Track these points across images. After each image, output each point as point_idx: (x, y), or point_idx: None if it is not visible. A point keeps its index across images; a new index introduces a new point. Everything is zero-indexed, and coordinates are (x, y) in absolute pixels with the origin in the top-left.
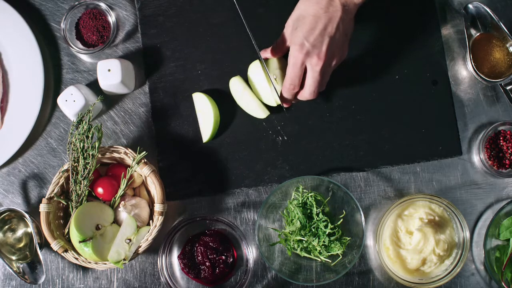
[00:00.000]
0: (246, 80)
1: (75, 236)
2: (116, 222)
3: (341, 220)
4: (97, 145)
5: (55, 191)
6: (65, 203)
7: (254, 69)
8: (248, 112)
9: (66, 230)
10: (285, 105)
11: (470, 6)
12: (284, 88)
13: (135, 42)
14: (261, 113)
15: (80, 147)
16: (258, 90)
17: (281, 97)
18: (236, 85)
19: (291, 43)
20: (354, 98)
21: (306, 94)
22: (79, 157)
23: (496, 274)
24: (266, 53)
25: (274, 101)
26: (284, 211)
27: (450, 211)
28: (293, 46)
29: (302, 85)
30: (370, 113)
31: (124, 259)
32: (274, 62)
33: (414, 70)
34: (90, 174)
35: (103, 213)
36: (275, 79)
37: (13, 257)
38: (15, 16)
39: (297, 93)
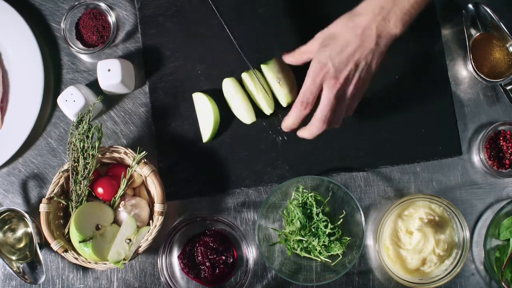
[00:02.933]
0: (240, 81)
1: (75, 236)
2: (116, 222)
3: (341, 220)
4: (97, 145)
5: (55, 191)
6: (65, 203)
7: (247, 78)
8: (236, 115)
9: (66, 230)
10: (285, 130)
11: (470, 6)
12: (296, 106)
13: (135, 42)
14: (247, 119)
15: (80, 147)
16: (254, 96)
17: (287, 119)
18: (228, 86)
19: (315, 59)
20: None
21: (316, 119)
22: (79, 157)
23: (496, 274)
24: (288, 57)
25: (268, 110)
26: (284, 211)
27: (450, 211)
28: (316, 63)
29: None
30: (370, 113)
31: (124, 259)
32: (275, 65)
33: (414, 70)
34: (90, 174)
35: (103, 213)
36: (279, 82)
37: (13, 257)
38: (15, 16)
39: (301, 125)
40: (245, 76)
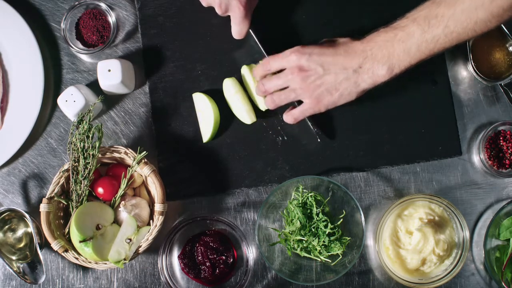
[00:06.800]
0: (240, 81)
1: (75, 236)
2: (117, 222)
3: (341, 220)
4: (97, 145)
5: (55, 191)
6: (65, 203)
7: (246, 72)
8: (236, 115)
9: (67, 230)
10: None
11: None
12: (259, 65)
13: (135, 42)
14: (247, 119)
15: (81, 147)
16: (252, 92)
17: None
18: (228, 86)
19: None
20: None
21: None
22: (79, 157)
23: (496, 274)
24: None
25: (263, 106)
26: (284, 211)
27: (450, 211)
28: (296, 50)
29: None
30: (370, 113)
31: (125, 259)
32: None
33: (414, 70)
34: (90, 174)
35: (104, 213)
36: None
37: (13, 257)
38: (15, 16)
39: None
40: (245, 70)
